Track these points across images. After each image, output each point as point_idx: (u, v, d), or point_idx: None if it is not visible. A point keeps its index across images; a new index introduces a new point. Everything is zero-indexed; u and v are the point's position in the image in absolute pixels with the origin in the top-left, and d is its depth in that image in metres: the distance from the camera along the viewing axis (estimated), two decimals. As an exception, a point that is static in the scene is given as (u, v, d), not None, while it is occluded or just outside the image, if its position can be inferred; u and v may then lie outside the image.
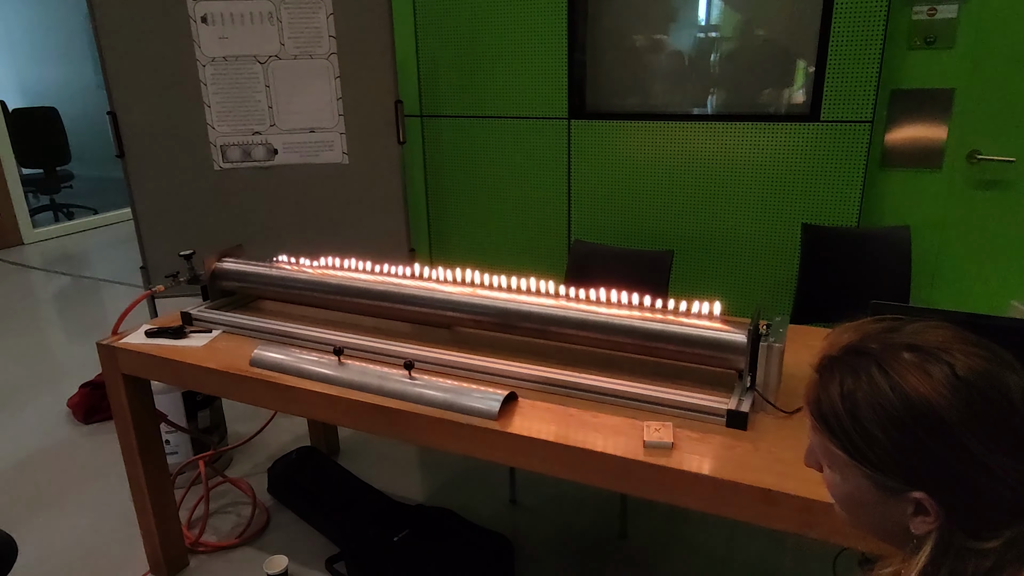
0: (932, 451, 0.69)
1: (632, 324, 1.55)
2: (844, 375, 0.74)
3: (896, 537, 0.76)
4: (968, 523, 0.70)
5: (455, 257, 3.60)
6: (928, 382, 0.69)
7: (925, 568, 0.72)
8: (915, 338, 0.73)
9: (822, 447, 0.78)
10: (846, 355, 0.75)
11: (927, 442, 0.69)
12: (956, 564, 0.70)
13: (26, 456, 2.77)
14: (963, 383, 0.68)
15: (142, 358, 1.83)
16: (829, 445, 0.76)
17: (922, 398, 0.69)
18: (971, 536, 0.70)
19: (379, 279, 1.86)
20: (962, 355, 0.70)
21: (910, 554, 0.74)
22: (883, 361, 0.72)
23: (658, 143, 3.00)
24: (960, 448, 0.68)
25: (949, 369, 0.69)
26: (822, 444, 0.78)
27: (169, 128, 2.88)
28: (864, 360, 0.73)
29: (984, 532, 0.70)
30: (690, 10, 3.00)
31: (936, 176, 2.69)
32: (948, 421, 0.68)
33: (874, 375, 0.72)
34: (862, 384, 0.72)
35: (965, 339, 0.73)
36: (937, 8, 2.56)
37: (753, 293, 2.99)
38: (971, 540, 0.70)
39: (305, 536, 2.28)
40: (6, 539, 1.65)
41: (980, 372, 0.69)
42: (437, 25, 3.30)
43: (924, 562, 0.72)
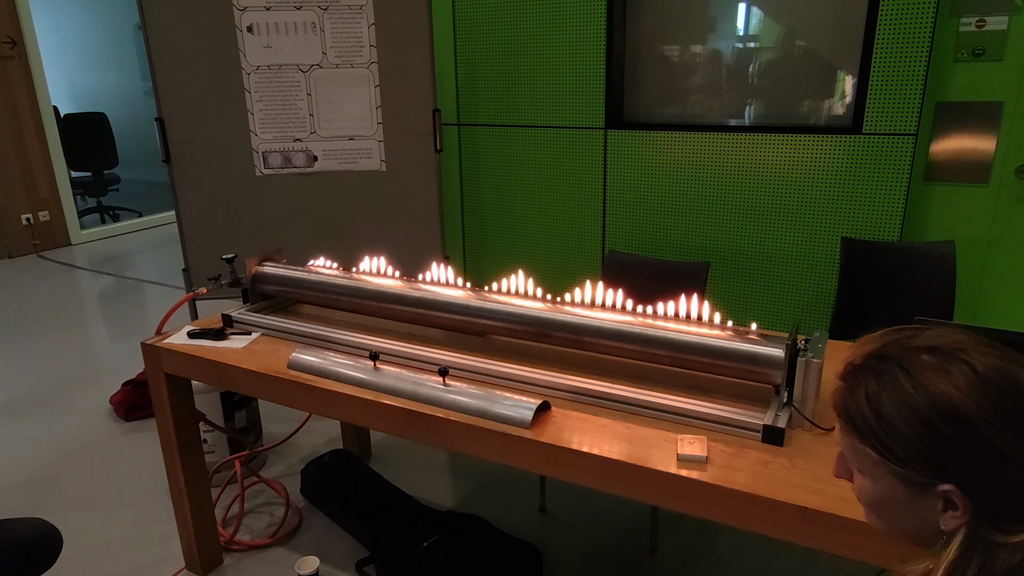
0: (956, 445, 0.72)
1: (667, 336, 1.54)
2: (868, 379, 0.78)
3: (926, 537, 0.78)
4: (996, 517, 0.72)
5: (489, 265, 3.62)
6: (949, 380, 0.73)
7: (955, 563, 0.73)
8: (933, 341, 0.77)
9: (852, 450, 0.81)
10: (869, 361, 0.79)
11: (951, 437, 0.72)
12: (985, 558, 0.72)
13: (70, 451, 2.86)
14: (982, 380, 0.72)
15: (184, 358, 1.88)
16: (858, 446, 0.79)
17: (943, 395, 0.72)
18: (1000, 530, 0.71)
19: (415, 286, 1.88)
20: (978, 354, 0.74)
21: (940, 551, 0.76)
22: (904, 363, 0.76)
23: (695, 154, 2.99)
24: (983, 441, 0.71)
25: (968, 367, 0.73)
26: (852, 447, 0.80)
27: (213, 134, 2.95)
28: (886, 364, 0.77)
29: (1012, 526, 0.71)
30: (729, 20, 2.98)
31: (983, 191, 2.63)
32: (970, 416, 0.71)
33: (897, 377, 0.75)
34: (886, 386, 0.76)
35: (979, 341, 0.77)
36: (986, 20, 2.51)
37: (790, 307, 2.95)
38: (1000, 534, 0.71)
39: (336, 538, 2.30)
40: (53, 531, 1.70)
41: (997, 369, 0.73)
42: (476, 35, 3.34)
43: (953, 556, 0.73)
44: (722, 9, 2.96)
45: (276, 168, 3.04)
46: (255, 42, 2.91)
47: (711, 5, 2.97)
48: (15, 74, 5.51)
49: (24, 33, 5.52)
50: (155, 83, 2.87)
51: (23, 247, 5.75)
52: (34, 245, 5.81)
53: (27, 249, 5.77)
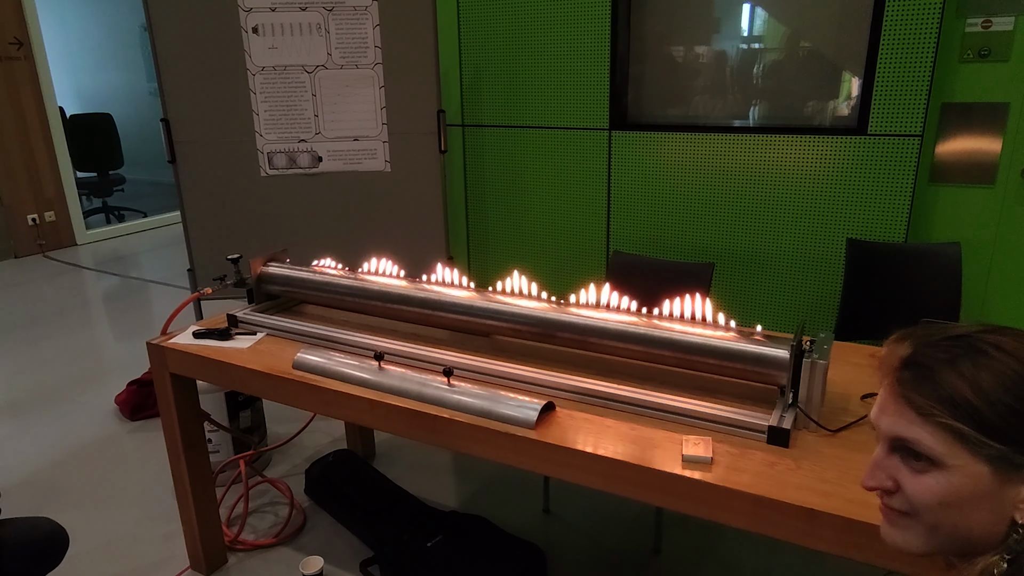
0: None
1: (672, 337, 1.54)
2: (957, 360, 0.72)
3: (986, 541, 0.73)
4: None
5: (493, 266, 3.62)
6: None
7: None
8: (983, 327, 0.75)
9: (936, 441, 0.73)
10: (944, 343, 0.74)
11: None
12: None
13: (75, 450, 2.87)
14: None
15: (189, 358, 1.88)
16: (947, 434, 0.72)
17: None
18: None
19: (420, 286, 1.88)
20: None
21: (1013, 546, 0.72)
22: (987, 343, 0.72)
23: (700, 155, 2.98)
24: None
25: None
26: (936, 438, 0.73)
27: (219, 135, 2.96)
28: (960, 343, 0.73)
29: None
30: (733, 21, 2.98)
31: (989, 192, 2.62)
32: None
33: (986, 351, 0.72)
34: (981, 361, 0.72)
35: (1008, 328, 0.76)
36: (992, 20, 2.50)
37: (795, 308, 2.95)
38: None
39: (340, 538, 2.31)
40: (59, 530, 1.71)
41: None
42: (481, 36, 3.34)
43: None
44: (726, 10, 2.96)
45: (281, 169, 3.04)
46: (260, 43, 2.91)
47: (715, 6, 2.96)
48: (21, 75, 5.53)
49: (31, 34, 5.54)
50: (160, 84, 2.88)
51: (29, 247, 5.77)
52: (40, 245, 5.83)
53: (33, 249, 5.80)
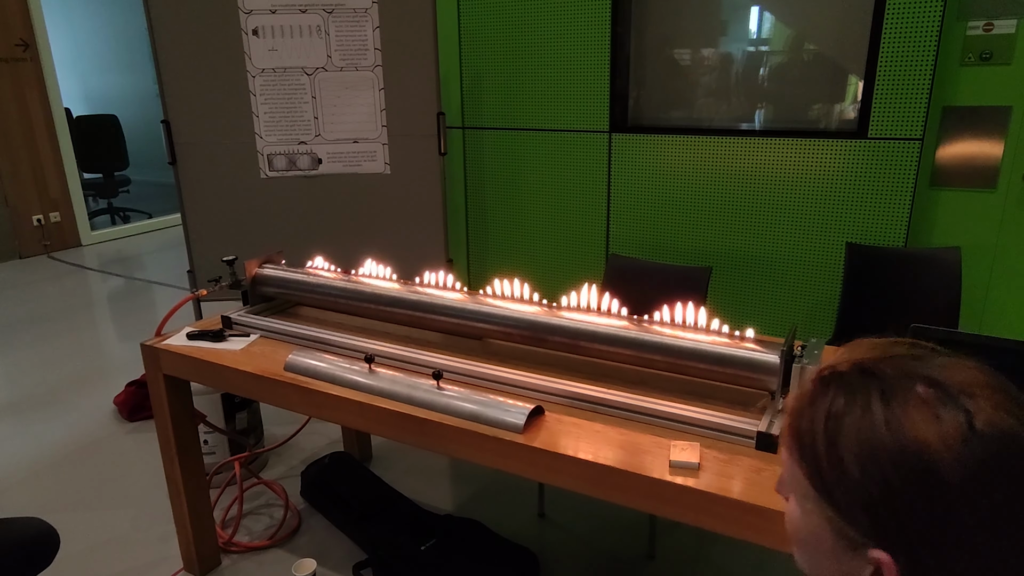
0: (914, 509, 0.56)
1: (663, 341, 1.53)
2: (838, 394, 0.61)
3: None
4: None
5: (492, 268, 3.61)
6: (935, 426, 0.56)
7: None
8: (940, 372, 0.59)
9: (789, 471, 0.66)
10: (852, 372, 0.62)
11: (911, 497, 0.56)
12: None
13: (72, 450, 2.87)
14: (979, 438, 0.55)
15: (183, 359, 1.89)
16: (797, 471, 0.64)
17: (921, 444, 0.55)
18: None
19: (412, 289, 1.88)
20: (989, 405, 0.56)
21: None
22: (890, 389, 0.59)
23: (699, 158, 2.97)
24: (951, 515, 0.55)
25: (966, 418, 0.55)
26: (790, 468, 0.66)
27: (219, 137, 2.97)
28: (869, 382, 0.60)
29: None
30: (734, 24, 2.97)
31: (990, 196, 2.60)
32: (945, 479, 0.54)
33: (873, 401, 0.59)
34: (855, 408, 0.59)
35: (1002, 388, 0.59)
36: (994, 23, 2.48)
37: (794, 313, 2.93)
38: None
39: (334, 540, 2.30)
40: (49, 530, 1.71)
41: (1005, 431, 0.55)
42: (481, 38, 3.34)
43: None
44: (726, 14, 2.95)
45: (281, 171, 3.05)
46: (260, 45, 2.92)
47: (715, 10, 2.95)
48: (27, 76, 5.57)
49: (37, 36, 5.58)
50: (161, 86, 2.89)
51: (34, 248, 5.81)
52: (44, 246, 5.86)
53: (38, 250, 5.83)
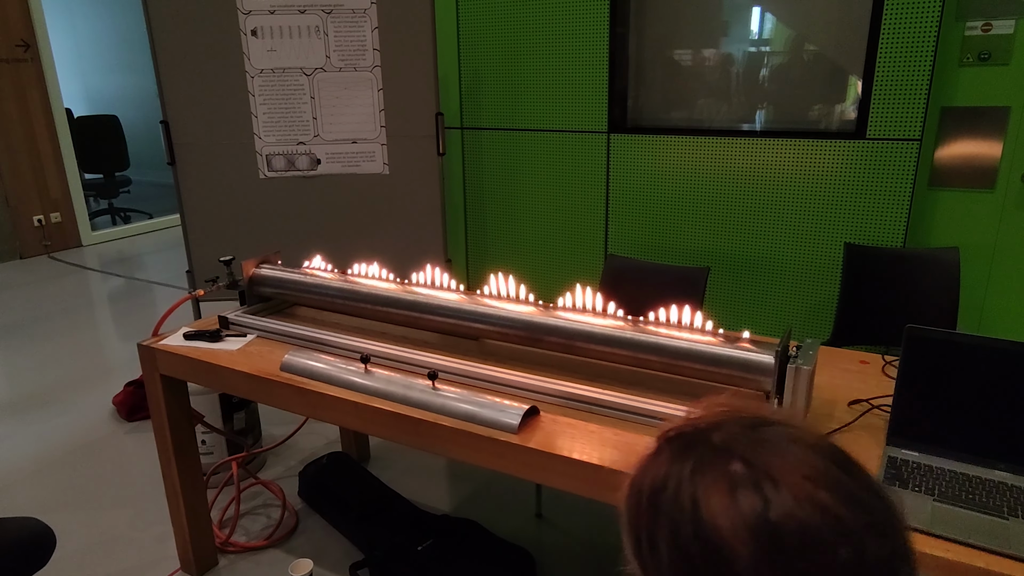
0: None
1: (659, 342, 1.53)
2: (671, 463, 0.58)
3: None
4: None
5: (491, 268, 3.61)
6: (732, 511, 0.53)
7: None
8: (763, 449, 0.56)
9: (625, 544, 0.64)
10: (681, 440, 0.60)
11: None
12: None
13: (71, 451, 2.88)
14: (770, 529, 0.52)
15: (179, 359, 1.89)
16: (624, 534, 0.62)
17: (715, 530, 0.53)
18: None
19: (408, 289, 1.88)
20: (796, 492, 0.53)
21: None
22: (704, 465, 0.56)
23: (698, 159, 2.97)
24: None
25: (763, 505, 0.52)
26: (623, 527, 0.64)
27: (218, 137, 2.97)
28: (692, 455, 0.58)
29: None
30: (732, 25, 2.97)
31: (988, 197, 2.60)
32: (730, 567, 0.53)
33: (684, 478, 0.56)
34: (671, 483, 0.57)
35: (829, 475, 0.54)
36: (992, 24, 2.48)
37: (792, 313, 2.93)
38: None
39: (332, 541, 2.30)
40: (45, 530, 1.71)
41: (801, 523, 0.52)
42: (480, 38, 3.34)
43: None
44: (725, 14, 2.95)
45: (279, 171, 3.05)
46: (259, 46, 2.93)
47: (713, 11, 2.95)
48: (28, 77, 5.58)
49: (38, 37, 5.59)
50: (160, 86, 2.89)
51: (34, 248, 5.81)
52: (45, 246, 5.87)
53: (38, 250, 5.84)
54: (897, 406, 1.34)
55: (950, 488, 1.19)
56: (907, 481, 1.21)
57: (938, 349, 1.30)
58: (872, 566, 0.53)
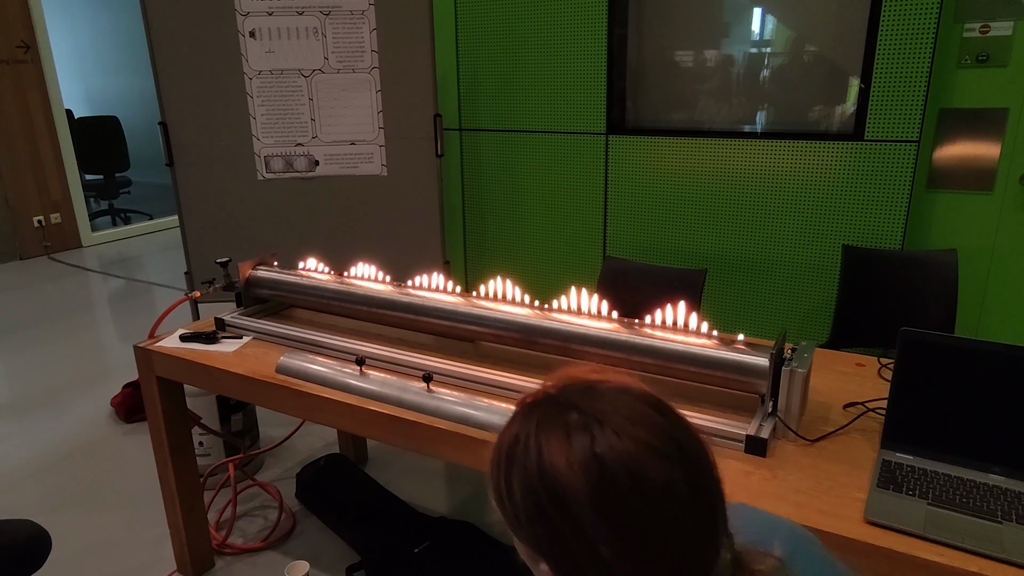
0: (554, 528, 0.62)
1: (653, 344, 1.53)
2: (522, 422, 0.67)
3: None
4: None
5: (489, 270, 3.61)
6: (565, 452, 0.62)
7: None
8: (595, 400, 0.66)
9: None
10: (536, 401, 0.69)
11: (550, 516, 0.62)
12: None
13: (68, 452, 2.88)
14: (596, 461, 0.61)
15: (175, 361, 1.89)
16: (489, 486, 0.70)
17: (552, 468, 0.62)
18: None
19: (404, 291, 1.88)
20: (616, 430, 0.62)
21: None
22: (545, 419, 0.66)
23: (696, 160, 2.97)
24: (579, 532, 0.61)
25: (589, 443, 0.62)
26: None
27: (216, 139, 2.97)
28: (539, 412, 0.67)
29: None
30: (730, 27, 2.97)
31: (987, 199, 2.59)
32: (570, 499, 0.61)
33: (531, 432, 0.65)
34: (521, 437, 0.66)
35: (644, 416, 0.65)
36: (991, 25, 2.47)
37: (790, 315, 2.92)
38: None
39: (328, 543, 2.30)
40: (41, 533, 1.71)
41: (620, 452, 0.61)
42: (478, 40, 3.34)
43: None
44: (723, 16, 2.95)
45: (278, 172, 3.05)
46: (257, 47, 2.93)
47: (710, 13, 2.95)
48: (28, 78, 5.59)
49: (38, 38, 5.60)
50: (158, 87, 2.89)
51: (34, 249, 5.82)
52: (45, 247, 5.88)
53: (38, 251, 5.84)
54: (892, 409, 1.33)
55: (944, 492, 1.19)
56: (901, 485, 1.21)
57: (933, 352, 1.29)
58: (688, 493, 0.62)
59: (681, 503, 0.62)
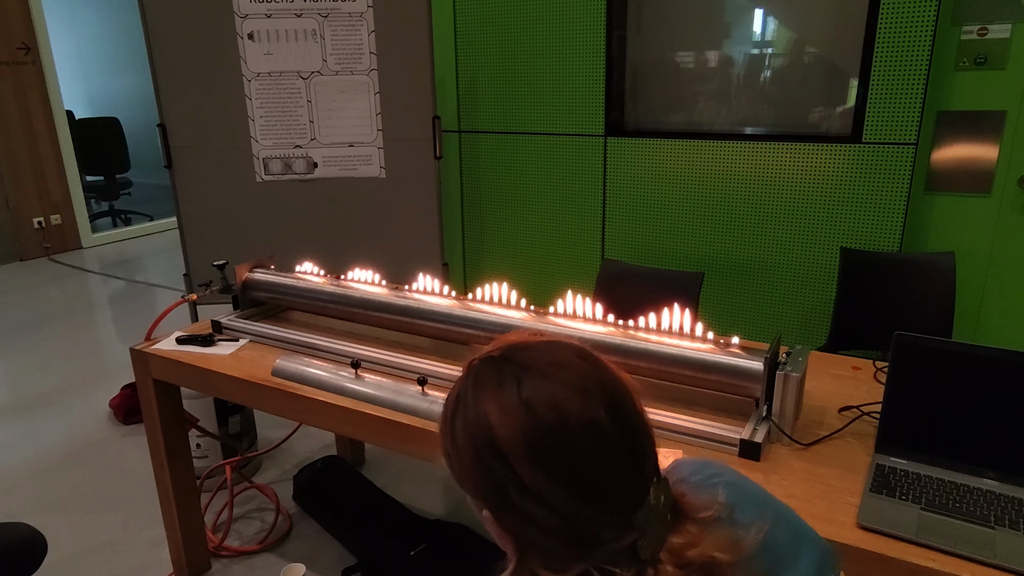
0: (490, 472, 0.66)
1: (648, 348, 1.52)
2: (464, 380, 0.72)
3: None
4: (537, 552, 0.68)
5: (488, 272, 3.61)
6: (496, 400, 0.67)
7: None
8: (529, 353, 0.70)
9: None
10: (479, 359, 0.73)
11: (487, 462, 0.66)
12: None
13: (66, 453, 2.88)
14: (523, 405, 0.65)
15: (171, 364, 1.89)
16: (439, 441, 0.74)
17: (486, 415, 0.66)
18: (544, 567, 0.67)
19: (400, 294, 1.88)
20: (541, 376, 0.67)
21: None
22: (484, 373, 0.70)
23: (694, 162, 2.97)
24: (512, 473, 0.65)
25: (517, 389, 0.66)
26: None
27: (215, 141, 2.97)
28: (477, 368, 0.71)
29: (554, 564, 0.67)
30: (728, 29, 2.97)
31: (984, 201, 2.59)
32: (501, 443, 0.65)
33: (471, 386, 0.70)
34: (464, 392, 0.70)
35: (569, 361, 0.69)
36: (989, 28, 2.47)
37: (787, 318, 2.92)
38: (544, 571, 0.67)
39: (325, 545, 2.30)
40: (37, 536, 1.71)
41: (545, 395, 0.65)
42: (477, 42, 3.34)
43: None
44: (721, 19, 2.94)
45: (276, 174, 3.05)
46: (256, 49, 2.93)
47: (709, 15, 2.95)
48: (29, 79, 5.60)
49: (38, 39, 5.61)
50: (157, 89, 2.89)
51: (34, 250, 5.83)
52: (45, 248, 5.88)
53: (38, 252, 5.85)
54: (886, 413, 1.33)
55: (937, 497, 1.18)
56: (895, 489, 1.21)
57: (927, 356, 1.29)
58: (612, 428, 0.65)
59: (605, 438, 0.65)
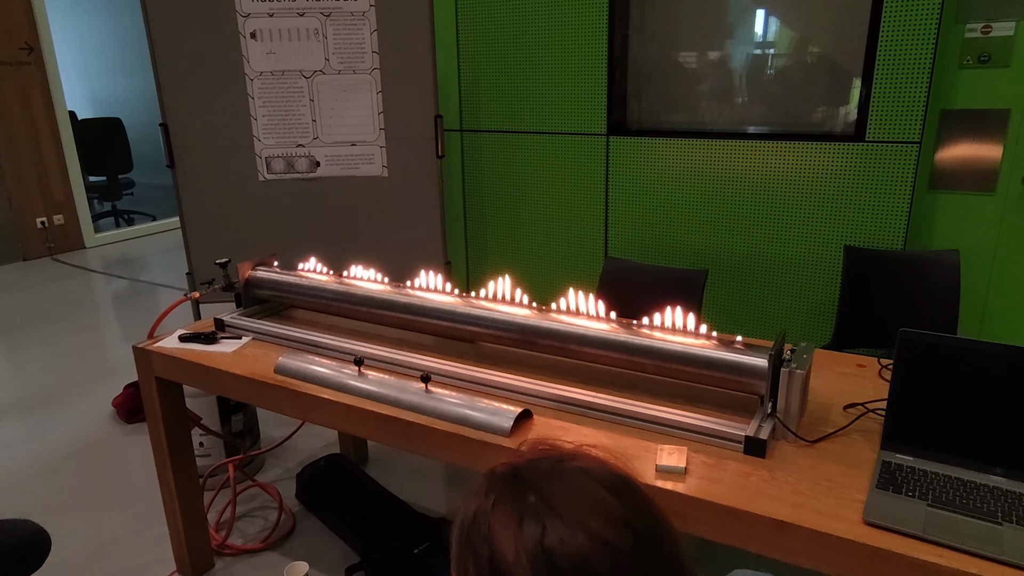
0: None
1: (652, 345, 1.52)
2: (483, 498, 0.65)
3: None
4: None
5: (491, 270, 3.61)
6: (515, 540, 0.60)
7: None
8: (554, 482, 0.63)
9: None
10: (498, 474, 0.67)
11: None
12: None
13: (69, 452, 2.88)
14: (544, 555, 0.59)
15: (174, 362, 1.89)
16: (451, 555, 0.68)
17: (501, 556, 0.61)
18: None
19: (403, 292, 1.88)
20: (567, 524, 0.60)
21: None
22: (503, 499, 0.63)
23: (697, 161, 2.96)
24: None
25: (541, 533, 0.60)
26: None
27: (217, 140, 2.97)
28: (499, 488, 0.65)
29: None
30: (731, 28, 2.96)
31: (989, 199, 2.58)
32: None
33: (487, 511, 0.63)
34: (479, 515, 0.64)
35: (601, 504, 0.62)
36: (992, 26, 2.47)
37: (791, 316, 2.91)
38: None
39: (328, 543, 2.30)
40: (41, 533, 1.71)
41: (568, 550, 0.59)
42: (479, 41, 3.34)
43: None
44: (724, 17, 2.94)
45: (279, 173, 3.05)
46: (258, 48, 2.93)
47: (713, 14, 2.94)
48: (32, 80, 5.60)
49: (41, 40, 5.61)
50: (159, 89, 2.90)
51: (37, 250, 5.83)
52: (48, 248, 5.89)
53: (41, 252, 5.86)
54: (891, 410, 1.33)
55: (944, 493, 1.18)
56: (901, 486, 1.20)
57: (932, 353, 1.29)
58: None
59: None
